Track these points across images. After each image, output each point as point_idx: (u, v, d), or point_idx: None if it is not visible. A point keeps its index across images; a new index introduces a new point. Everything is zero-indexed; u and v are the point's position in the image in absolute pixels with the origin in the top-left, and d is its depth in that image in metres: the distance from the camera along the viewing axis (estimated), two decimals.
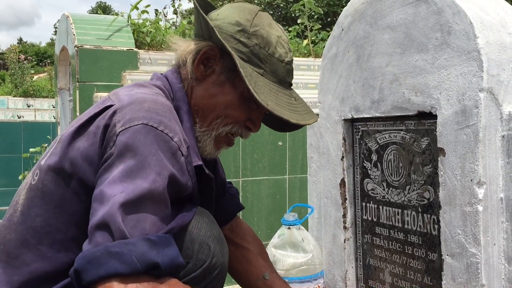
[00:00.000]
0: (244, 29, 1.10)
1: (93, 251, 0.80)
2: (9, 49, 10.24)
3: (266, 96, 1.07)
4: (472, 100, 1.15)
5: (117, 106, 0.98)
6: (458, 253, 1.19)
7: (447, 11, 1.21)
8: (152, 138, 0.92)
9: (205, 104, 1.12)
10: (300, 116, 1.13)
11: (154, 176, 0.90)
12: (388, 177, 1.45)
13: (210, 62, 1.13)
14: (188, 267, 0.95)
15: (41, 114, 7.56)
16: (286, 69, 1.15)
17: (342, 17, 1.60)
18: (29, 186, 1.02)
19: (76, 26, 2.94)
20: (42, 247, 0.96)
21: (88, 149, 0.96)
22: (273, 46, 1.12)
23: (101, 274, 0.79)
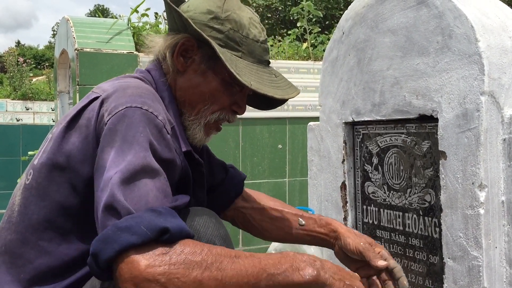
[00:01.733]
0: (216, 16, 1.14)
1: (104, 232, 0.83)
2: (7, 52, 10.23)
3: (249, 77, 1.10)
4: (473, 104, 1.15)
5: (103, 97, 1.00)
6: (460, 256, 1.19)
7: (448, 14, 1.22)
8: (138, 118, 0.94)
9: (190, 94, 1.15)
10: (283, 91, 1.17)
11: (144, 152, 0.91)
12: (389, 180, 1.45)
13: (188, 53, 1.16)
14: None
15: (40, 117, 7.55)
16: (262, 48, 1.19)
17: (343, 21, 1.61)
18: (24, 187, 1.03)
19: (76, 29, 2.95)
20: (43, 242, 0.98)
21: (83, 143, 0.98)
22: (247, 28, 1.15)
23: (117, 249, 0.81)
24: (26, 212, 1.00)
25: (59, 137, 1.01)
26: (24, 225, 0.99)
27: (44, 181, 0.99)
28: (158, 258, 0.82)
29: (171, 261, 0.83)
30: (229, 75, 1.12)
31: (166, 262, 0.82)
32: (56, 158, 0.99)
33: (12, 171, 6.37)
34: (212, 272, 0.86)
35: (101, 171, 0.89)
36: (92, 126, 0.98)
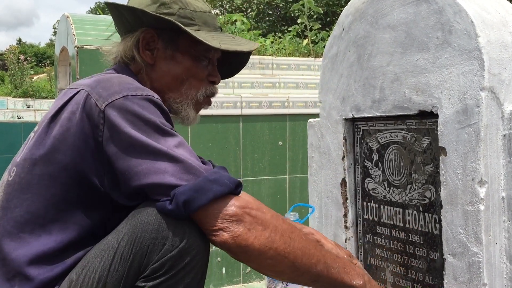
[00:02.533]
0: (162, 2, 1.21)
1: (196, 183, 0.96)
2: (8, 49, 10.23)
3: (215, 41, 1.19)
4: (474, 99, 1.15)
5: (86, 90, 1.04)
6: (460, 252, 1.19)
7: (448, 10, 1.21)
8: (140, 103, 1.01)
9: (167, 80, 1.22)
10: (245, 46, 1.28)
11: (168, 128, 1.02)
12: (389, 177, 1.45)
13: (151, 45, 1.22)
14: (165, 248, 0.96)
15: (41, 114, 7.55)
16: (212, 17, 1.28)
17: (342, 17, 1.60)
18: (6, 183, 1.06)
19: (76, 26, 2.94)
20: (24, 234, 1.00)
21: (64, 134, 1.01)
22: (192, 3, 1.24)
23: (211, 197, 0.96)
24: (9, 206, 1.02)
25: (42, 133, 1.04)
26: (6, 219, 1.02)
27: (26, 175, 1.02)
28: (250, 202, 1.02)
29: (257, 203, 1.04)
30: (195, 50, 1.22)
31: (255, 206, 1.02)
32: (37, 152, 1.02)
33: None
34: (285, 232, 1.04)
35: (138, 148, 0.97)
36: (76, 118, 1.01)
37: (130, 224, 0.97)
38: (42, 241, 0.99)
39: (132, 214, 1.00)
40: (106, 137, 0.99)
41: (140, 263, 0.95)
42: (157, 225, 0.96)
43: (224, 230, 0.97)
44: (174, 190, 0.96)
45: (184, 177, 0.97)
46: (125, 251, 0.95)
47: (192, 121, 1.26)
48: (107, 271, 0.94)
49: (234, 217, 0.98)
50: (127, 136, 0.98)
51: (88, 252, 0.99)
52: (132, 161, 0.97)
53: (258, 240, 0.99)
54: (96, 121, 0.99)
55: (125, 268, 0.95)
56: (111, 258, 0.95)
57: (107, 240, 0.98)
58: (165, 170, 0.97)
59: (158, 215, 0.97)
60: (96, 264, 0.95)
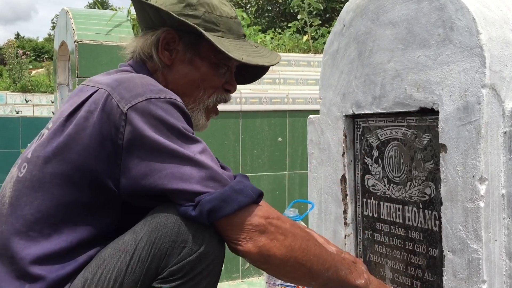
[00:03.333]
0: (188, 3, 1.18)
1: (223, 192, 0.97)
2: (6, 44, 10.20)
3: (237, 52, 1.17)
4: (475, 96, 1.15)
5: (106, 89, 1.01)
6: (459, 249, 1.19)
7: (450, 7, 1.21)
8: (164, 107, 1.00)
9: (183, 84, 1.19)
10: (268, 58, 1.25)
11: (191, 134, 1.02)
12: (389, 173, 1.45)
13: (171, 46, 1.19)
14: (185, 252, 0.96)
15: (40, 109, 7.54)
16: (237, 23, 1.25)
17: (343, 13, 1.60)
18: (16, 179, 1.04)
19: (75, 21, 2.93)
20: (33, 233, 0.99)
21: (80, 133, 0.99)
22: (219, 7, 1.21)
23: (235, 207, 0.98)
24: (18, 203, 1.01)
25: (56, 131, 1.02)
26: (15, 216, 1.00)
27: (38, 173, 1.01)
28: (271, 212, 1.04)
29: (277, 212, 1.06)
30: (215, 57, 1.18)
31: (276, 215, 1.04)
32: (51, 150, 1.00)
33: (11, 164, 6.37)
34: (302, 241, 1.06)
35: (162, 153, 0.97)
36: (94, 118, 0.99)
37: (149, 226, 0.97)
38: (52, 240, 0.98)
39: (151, 216, 0.99)
40: (127, 139, 0.97)
41: (158, 265, 0.95)
42: (177, 228, 0.96)
43: (247, 240, 0.99)
44: (199, 197, 0.96)
45: (210, 184, 0.97)
46: (143, 253, 0.95)
47: (202, 128, 1.24)
48: (124, 272, 0.94)
49: (258, 227, 1.00)
50: (151, 140, 0.96)
51: (102, 251, 0.98)
52: (155, 165, 0.96)
53: (279, 249, 1.01)
54: (117, 123, 0.97)
55: (143, 269, 0.94)
56: (128, 258, 0.94)
57: (124, 240, 0.97)
58: (190, 176, 0.96)
59: (179, 218, 0.97)
60: (112, 264, 0.94)
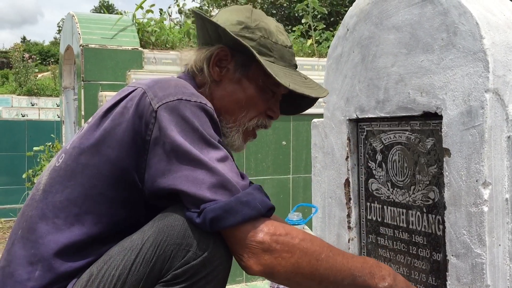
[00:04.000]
0: (247, 25, 1.20)
1: (227, 202, 0.96)
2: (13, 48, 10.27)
3: (285, 78, 1.17)
4: (478, 101, 1.15)
5: (144, 88, 1.05)
6: (463, 253, 1.19)
7: (453, 11, 1.21)
8: (193, 109, 1.01)
9: (227, 102, 1.21)
10: (315, 91, 1.24)
11: (216, 140, 1.03)
12: (393, 177, 1.45)
13: (223, 63, 1.21)
14: (189, 255, 0.97)
15: (45, 112, 7.58)
16: (290, 53, 1.26)
17: (347, 17, 1.61)
18: (53, 168, 1.09)
19: (81, 25, 2.95)
20: (58, 220, 1.02)
21: (115, 128, 1.02)
22: (275, 34, 1.23)
23: (239, 219, 0.96)
24: (50, 190, 1.05)
25: (94, 125, 1.06)
26: (46, 202, 1.04)
27: (72, 163, 1.05)
28: (278, 228, 0.99)
29: (287, 228, 1.01)
30: (263, 81, 1.20)
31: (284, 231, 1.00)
32: (86, 142, 1.04)
33: (17, 167, 6.41)
34: (312, 256, 1.02)
35: (181, 154, 0.98)
36: (129, 114, 1.02)
37: (157, 227, 0.98)
38: (74, 230, 1.01)
39: (159, 217, 1.00)
40: (154, 137, 1.00)
41: (161, 267, 0.96)
42: (183, 231, 0.97)
43: (250, 256, 0.98)
44: (204, 204, 0.96)
45: (219, 191, 0.97)
46: (148, 253, 0.96)
47: (237, 149, 1.25)
48: (128, 270, 0.95)
49: (262, 245, 0.97)
50: (173, 140, 0.98)
51: (112, 248, 1.00)
52: (173, 165, 0.98)
53: (284, 267, 0.99)
54: (148, 120, 1.00)
55: (146, 269, 0.95)
56: (133, 257, 0.96)
57: (132, 239, 0.99)
58: (202, 181, 0.97)
59: (186, 222, 0.98)
60: (118, 261, 0.96)
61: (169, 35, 3.32)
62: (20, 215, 1.10)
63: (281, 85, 1.17)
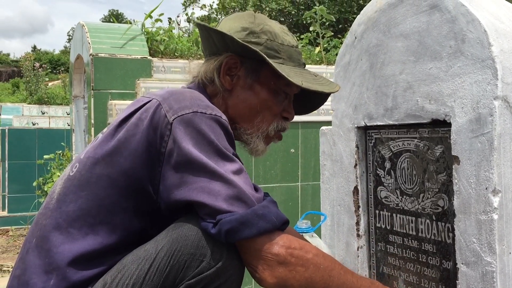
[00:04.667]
0: (251, 31, 1.21)
1: (244, 214, 0.96)
2: (24, 57, 10.38)
3: (297, 78, 1.17)
4: (487, 108, 1.15)
5: (159, 99, 1.06)
6: (473, 261, 1.18)
7: (461, 19, 1.21)
8: (208, 122, 1.02)
9: (242, 109, 1.22)
10: (327, 87, 1.25)
11: (230, 153, 1.04)
12: (402, 185, 1.45)
13: (233, 71, 1.22)
14: (202, 266, 0.97)
15: (55, 121, 7.65)
16: (298, 52, 1.27)
17: (355, 25, 1.61)
18: (67, 177, 1.09)
19: (91, 35, 2.98)
20: (72, 229, 1.02)
21: (129, 139, 1.03)
22: (280, 36, 1.23)
23: (254, 232, 0.97)
24: (64, 199, 1.05)
25: (108, 135, 1.07)
26: (60, 211, 1.05)
27: (87, 173, 1.05)
28: (293, 241, 1.01)
29: (301, 242, 1.03)
30: (274, 84, 1.21)
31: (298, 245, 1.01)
32: (101, 152, 1.05)
33: (27, 175, 6.46)
34: (325, 271, 1.03)
35: (197, 166, 0.98)
36: (143, 125, 1.03)
37: (170, 236, 0.98)
38: (88, 240, 1.02)
39: (173, 226, 1.01)
40: (169, 149, 1.00)
41: (175, 277, 0.96)
42: (197, 242, 0.97)
43: (265, 269, 0.98)
44: (220, 215, 0.97)
45: (235, 203, 0.98)
46: (162, 262, 0.96)
47: (261, 154, 1.26)
48: (142, 279, 0.95)
49: (277, 257, 0.98)
50: (188, 152, 0.99)
51: (125, 257, 1.01)
52: (188, 177, 0.99)
53: (298, 281, 1.00)
54: (163, 132, 1.01)
55: (160, 279, 0.96)
56: (147, 267, 0.96)
57: (146, 248, 0.99)
58: (218, 192, 0.98)
59: (200, 232, 0.98)
60: (132, 270, 0.96)
61: (177, 44, 3.35)
62: (34, 223, 1.11)
63: (293, 85, 1.18)
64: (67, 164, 4.98)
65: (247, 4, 12.22)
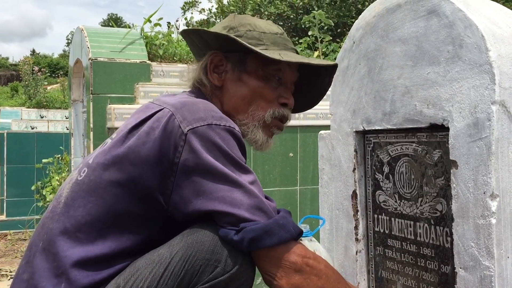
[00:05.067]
0: (231, 27, 1.23)
1: (267, 224, 1.00)
2: (22, 60, 10.39)
3: (277, 55, 1.17)
4: (485, 113, 1.15)
5: (171, 109, 1.06)
6: (472, 266, 1.18)
7: (459, 24, 1.22)
8: (222, 134, 1.04)
9: (234, 101, 1.22)
10: (316, 61, 1.26)
11: (244, 163, 1.06)
12: (400, 189, 1.45)
13: (219, 68, 1.23)
14: (217, 271, 0.98)
15: (54, 125, 7.64)
16: (284, 39, 1.26)
17: (353, 30, 1.62)
18: (75, 182, 1.10)
19: (90, 39, 2.99)
20: (80, 234, 1.03)
21: (140, 147, 1.03)
22: (262, 26, 1.24)
23: (275, 241, 1.01)
24: (73, 204, 1.06)
25: (118, 141, 1.07)
26: (67, 216, 1.05)
27: (96, 178, 1.06)
28: (308, 251, 1.06)
29: (313, 252, 1.08)
30: (262, 70, 1.21)
31: (312, 255, 1.06)
32: (110, 159, 1.06)
33: (26, 179, 6.45)
34: (335, 283, 1.08)
35: (216, 176, 1.00)
36: (155, 134, 1.03)
37: (186, 242, 0.99)
38: (97, 245, 1.02)
39: (188, 232, 1.02)
40: (184, 159, 1.01)
41: (189, 281, 0.97)
42: (212, 247, 0.99)
43: (282, 276, 1.02)
44: (244, 224, 0.99)
45: (257, 213, 1.01)
46: (177, 267, 0.97)
47: (263, 145, 1.26)
48: (156, 283, 0.96)
49: (294, 265, 1.02)
50: (207, 162, 1.00)
51: (137, 261, 1.01)
52: (208, 186, 1.00)
53: None
54: (176, 142, 1.01)
55: (174, 283, 0.97)
56: (162, 270, 0.97)
57: (159, 252, 1.00)
58: (240, 202, 1.00)
59: (215, 237, 1.00)
60: (146, 274, 0.97)
61: (176, 48, 3.35)
62: (40, 227, 1.11)
63: (283, 66, 1.19)
64: (66, 168, 4.98)
65: (246, 8, 12.24)
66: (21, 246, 5.48)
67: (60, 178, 5.28)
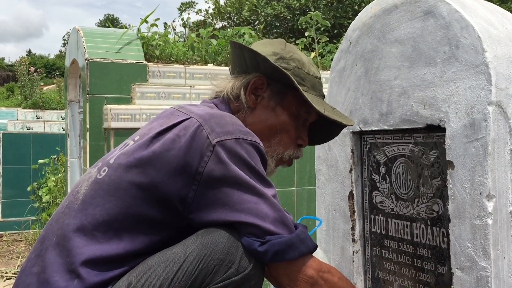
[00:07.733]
0: (282, 56, 1.27)
1: (291, 238, 1.05)
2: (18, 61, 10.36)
3: (319, 106, 1.23)
4: (481, 114, 1.15)
5: (198, 120, 1.09)
6: (468, 266, 1.18)
7: (455, 25, 1.22)
8: (248, 148, 1.08)
9: (261, 128, 1.26)
10: (344, 119, 1.31)
11: (267, 178, 1.10)
12: (397, 190, 1.45)
13: (258, 91, 1.28)
14: (230, 272, 1.01)
15: (50, 125, 7.61)
16: (320, 84, 1.33)
17: (350, 31, 1.62)
18: (94, 180, 1.11)
19: (86, 39, 2.98)
20: (97, 233, 1.04)
21: (164, 153, 1.05)
22: (307, 66, 1.30)
23: (296, 255, 1.06)
24: (91, 202, 1.07)
25: (142, 145, 1.09)
26: (85, 213, 1.06)
27: (117, 179, 1.07)
28: (323, 265, 1.12)
29: (327, 265, 1.14)
30: (296, 108, 1.27)
31: (327, 268, 1.13)
32: (134, 161, 1.07)
33: (22, 180, 6.42)
34: None
35: (243, 188, 1.04)
36: (181, 143, 1.06)
37: (200, 242, 1.02)
38: (111, 245, 1.03)
39: (203, 232, 1.04)
40: (210, 169, 1.03)
41: (203, 280, 1.00)
42: (227, 248, 1.02)
43: None
44: (269, 236, 1.04)
45: (280, 227, 1.05)
46: (191, 266, 0.99)
47: (270, 174, 1.30)
48: (169, 281, 0.98)
49: (311, 279, 1.08)
50: (234, 174, 1.04)
51: (149, 259, 1.03)
52: (234, 197, 1.03)
53: None
54: (203, 152, 1.04)
55: (188, 281, 0.98)
56: (176, 269, 0.99)
57: (173, 251, 1.02)
58: (266, 215, 1.04)
59: (230, 238, 1.03)
60: (159, 271, 0.99)
61: (173, 49, 3.35)
62: (54, 221, 1.11)
63: (313, 112, 1.25)
64: (62, 169, 4.96)
65: (243, 9, 12.25)
66: (17, 247, 5.45)
67: (56, 179, 5.26)
